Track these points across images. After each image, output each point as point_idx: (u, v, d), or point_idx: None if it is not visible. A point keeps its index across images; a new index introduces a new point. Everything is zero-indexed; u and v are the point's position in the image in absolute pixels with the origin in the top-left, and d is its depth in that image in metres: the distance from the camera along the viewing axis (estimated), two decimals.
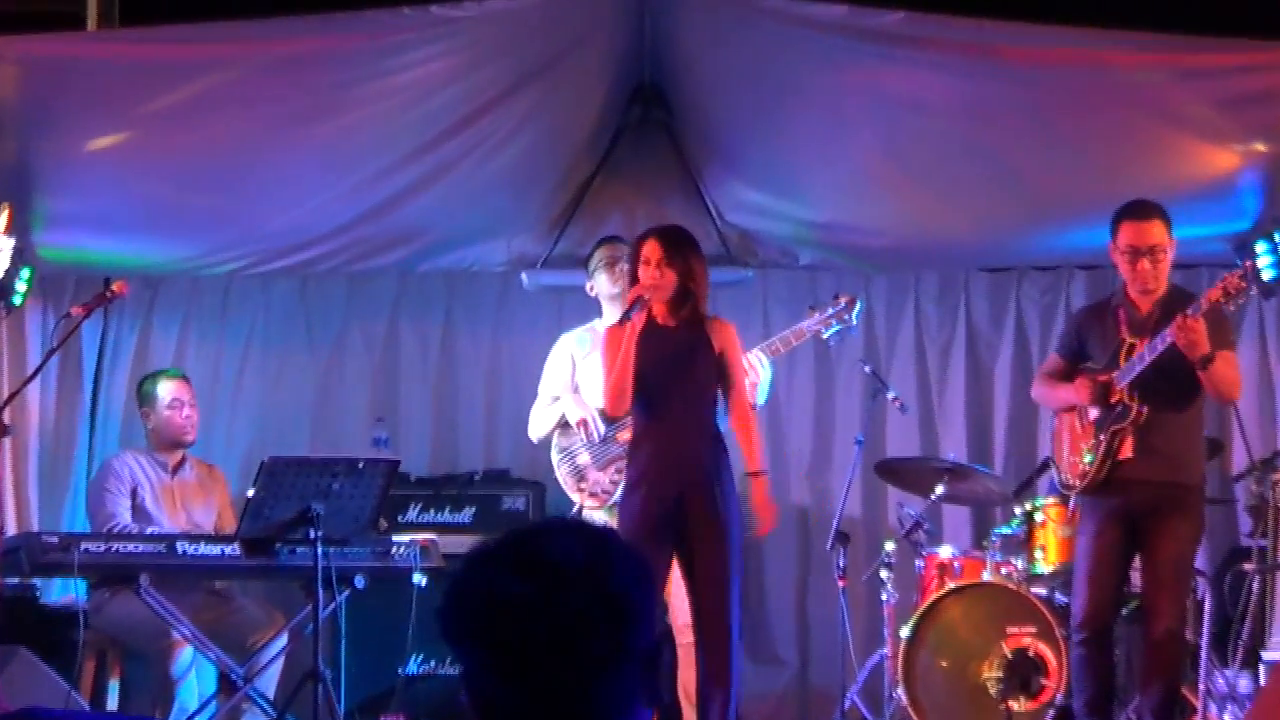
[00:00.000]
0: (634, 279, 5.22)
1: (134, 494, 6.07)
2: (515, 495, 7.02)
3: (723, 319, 5.35)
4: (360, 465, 5.36)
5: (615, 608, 1.80)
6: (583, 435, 5.87)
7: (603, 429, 5.83)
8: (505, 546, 1.84)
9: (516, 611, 1.78)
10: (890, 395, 6.57)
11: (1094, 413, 5.20)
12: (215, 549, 5.38)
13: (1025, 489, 6.36)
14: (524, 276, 7.27)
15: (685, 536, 5.08)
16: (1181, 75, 5.71)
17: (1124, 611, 5.57)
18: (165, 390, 6.22)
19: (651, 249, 5.17)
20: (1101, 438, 5.14)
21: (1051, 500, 6.04)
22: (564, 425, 5.98)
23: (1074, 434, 5.33)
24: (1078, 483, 5.25)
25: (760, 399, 5.90)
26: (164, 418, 6.20)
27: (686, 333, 5.21)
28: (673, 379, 5.14)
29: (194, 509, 6.20)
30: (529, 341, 7.36)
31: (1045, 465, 5.88)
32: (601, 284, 6.01)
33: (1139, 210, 5.16)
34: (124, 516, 5.99)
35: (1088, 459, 5.20)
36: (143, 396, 6.30)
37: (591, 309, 6.27)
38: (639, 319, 5.13)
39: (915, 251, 7.23)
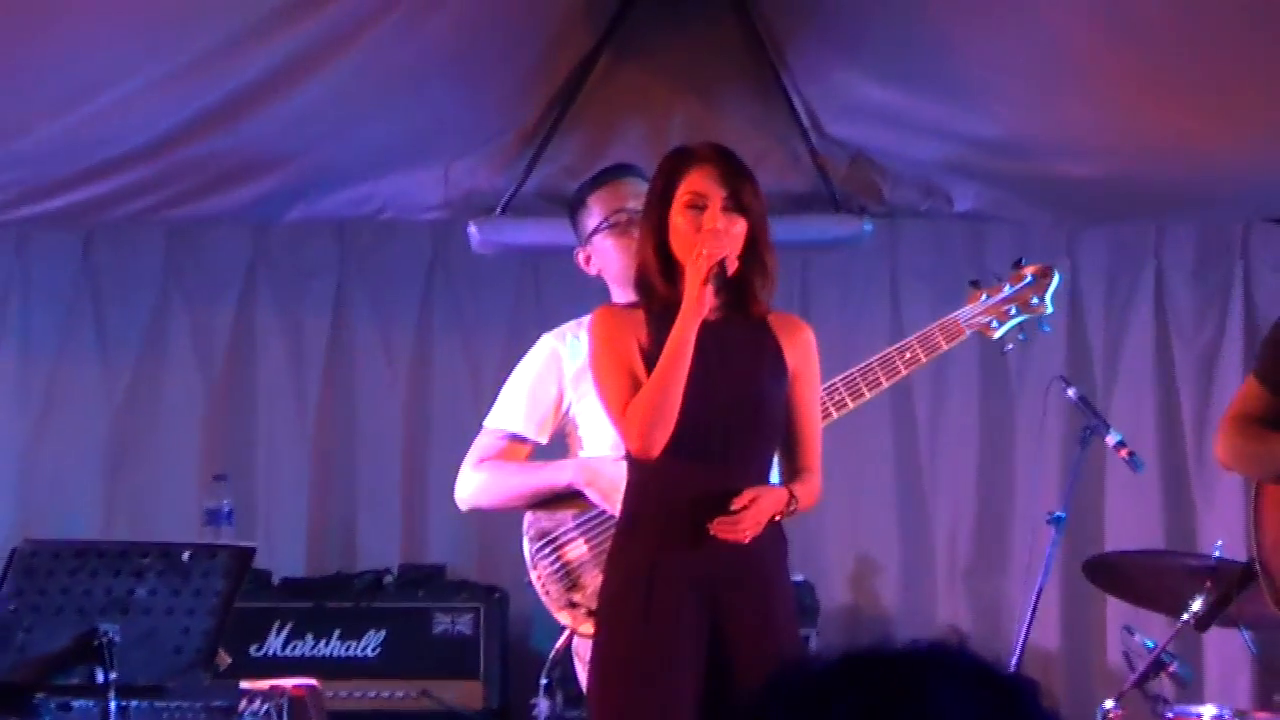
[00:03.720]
0: (657, 224, 5.12)
1: None
2: (457, 611, 7.14)
3: (796, 318, 5.32)
4: (185, 556, 5.40)
5: None
6: (593, 502, 5.72)
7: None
8: (852, 699, 1.90)
9: None
10: (1112, 440, 6.54)
11: None
12: None
13: None
14: (473, 229, 7.42)
15: (720, 663, 5.08)
16: None
17: None
18: None
19: (710, 179, 5.08)
20: None
21: None
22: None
23: None
24: None
25: None
26: None
27: (745, 333, 5.19)
28: (723, 407, 5.12)
29: None
30: (480, 340, 7.48)
31: (1250, 571, 5.93)
32: (607, 253, 5.85)
33: None
34: None
35: None
36: None
37: (589, 290, 6.12)
38: (709, 294, 5.08)
39: (1153, 189, 7.38)
